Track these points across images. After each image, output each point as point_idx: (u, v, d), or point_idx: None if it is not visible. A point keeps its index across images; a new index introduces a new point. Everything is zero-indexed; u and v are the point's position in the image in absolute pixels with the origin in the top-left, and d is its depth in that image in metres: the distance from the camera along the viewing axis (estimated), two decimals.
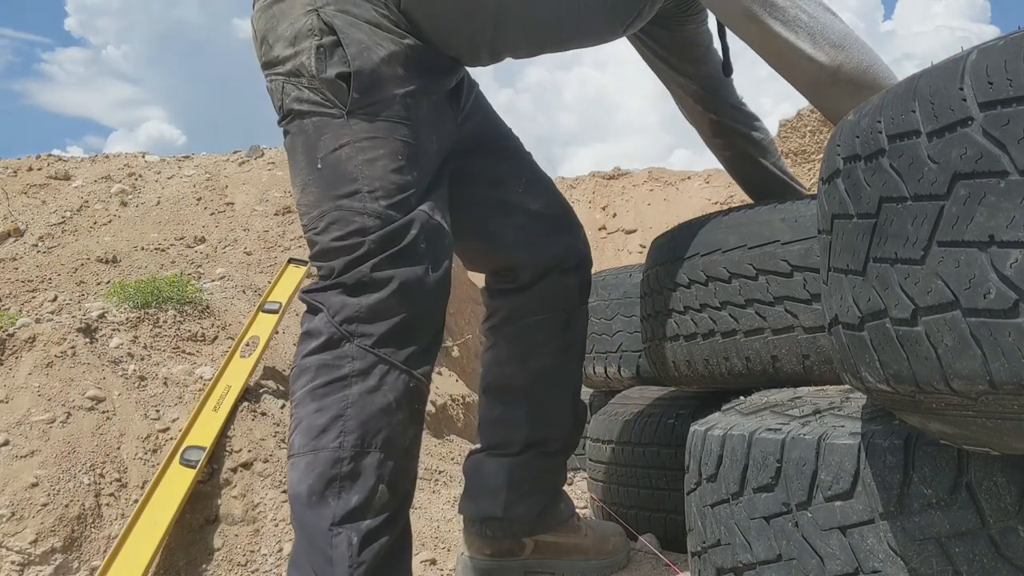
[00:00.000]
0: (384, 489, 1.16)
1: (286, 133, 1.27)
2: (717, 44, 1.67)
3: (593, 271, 1.68)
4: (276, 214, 4.23)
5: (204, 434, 2.04)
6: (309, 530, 1.14)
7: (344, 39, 1.20)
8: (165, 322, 2.61)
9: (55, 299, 2.89)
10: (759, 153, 1.72)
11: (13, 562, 1.74)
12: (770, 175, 1.73)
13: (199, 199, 4.18)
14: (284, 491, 2.04)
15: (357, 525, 1.13)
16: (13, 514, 1.79)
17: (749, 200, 1.74)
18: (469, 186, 1.43)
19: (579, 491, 2.61)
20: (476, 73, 1.53)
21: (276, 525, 1.95)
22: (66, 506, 1.84)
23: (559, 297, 1.55)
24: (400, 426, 1.20)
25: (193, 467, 1.93)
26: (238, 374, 2.28)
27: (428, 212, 1.25)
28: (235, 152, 5.00)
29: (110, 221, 3.94)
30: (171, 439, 2.11)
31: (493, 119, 1.57)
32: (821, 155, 0.91)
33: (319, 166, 1.20)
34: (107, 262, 3.33)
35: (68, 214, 3.94)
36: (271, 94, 1.28)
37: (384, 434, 1.18)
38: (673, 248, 1.49)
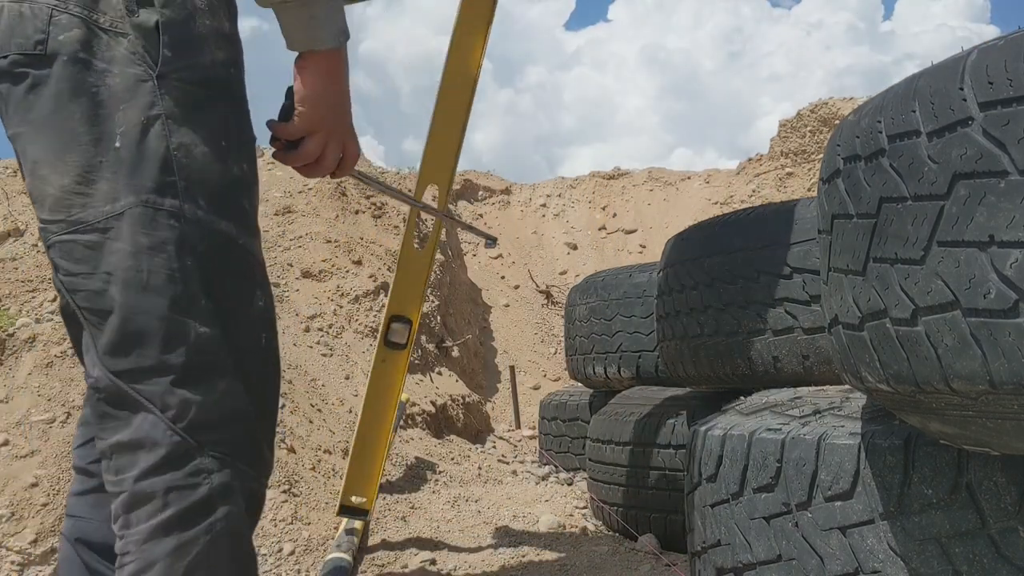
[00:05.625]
0: None
1: (27, 81, 0.85)
2: None
3: (593, 271, 1.68)
4: (276, 214, 4.22)
5: None
6: None
7: None
8: None
9: (55, 299, 2.89)
10: None
11: (13, 562, 1.74)
12: None
13: None
14: (284, 491, 2.04)
15: None
16: (13, 514, 1.79)
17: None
18: None
19: (579, 491, 2.60)
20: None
21: (276, 525, 1.95)
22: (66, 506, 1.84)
23: None
24: None
25: None
26: None
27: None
28: None
29: None
30: None
31: None
32: (821, 155, 0.90)
33: (116, 144, 0.86)
34: None
35: None
36: (16, 18, 0.86)
37: None
38: (681, 250, 1.50)
